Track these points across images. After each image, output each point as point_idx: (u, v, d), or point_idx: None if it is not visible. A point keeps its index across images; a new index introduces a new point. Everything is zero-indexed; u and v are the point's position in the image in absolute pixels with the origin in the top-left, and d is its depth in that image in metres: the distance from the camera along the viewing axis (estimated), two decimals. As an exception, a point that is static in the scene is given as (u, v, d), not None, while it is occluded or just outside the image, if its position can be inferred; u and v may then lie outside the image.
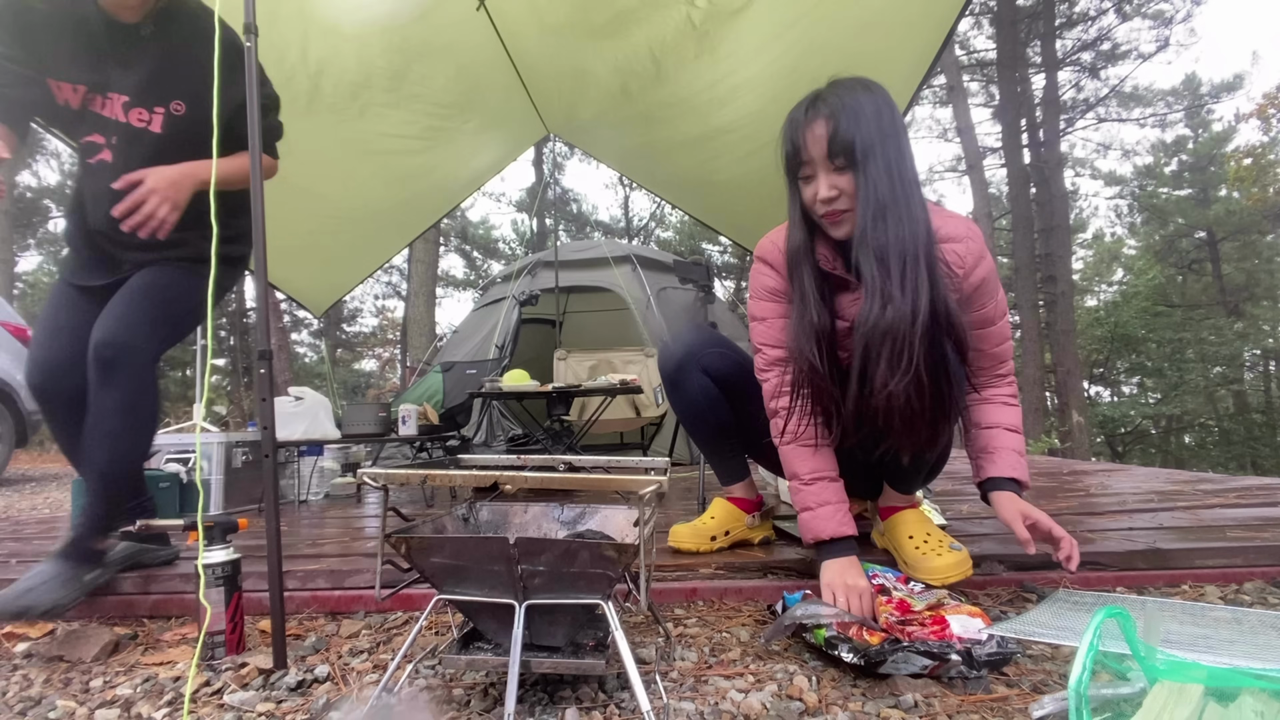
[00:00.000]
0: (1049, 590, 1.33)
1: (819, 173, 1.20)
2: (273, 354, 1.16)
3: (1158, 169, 20.38)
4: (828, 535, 1.25)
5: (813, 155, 1.19)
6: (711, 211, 4.26)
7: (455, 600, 0.94)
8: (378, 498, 2.72)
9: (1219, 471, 13.66)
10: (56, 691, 1.07)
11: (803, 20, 2.49)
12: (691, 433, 1.66)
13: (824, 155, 1.18)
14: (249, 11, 1.18)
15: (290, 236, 3.37)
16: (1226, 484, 2.51)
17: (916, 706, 0.91)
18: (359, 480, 2.83)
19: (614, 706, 0.93)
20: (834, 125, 1.16)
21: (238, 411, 15.91)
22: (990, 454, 1.28)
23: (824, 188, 1.19)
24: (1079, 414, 11.35)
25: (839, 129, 1.16)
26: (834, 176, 1.18)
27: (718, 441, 1.62)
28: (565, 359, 4.40)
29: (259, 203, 1.17)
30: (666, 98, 3.05)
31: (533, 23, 2.81)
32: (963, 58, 14.89)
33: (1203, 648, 0.94)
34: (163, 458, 2.71)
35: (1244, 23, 47.31)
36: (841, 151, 1.16)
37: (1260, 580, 1.40)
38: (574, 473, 1.20)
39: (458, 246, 21.98)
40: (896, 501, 1.47)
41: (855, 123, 1.15)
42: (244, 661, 1.14)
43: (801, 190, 1.24)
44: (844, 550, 1.24)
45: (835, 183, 1.18)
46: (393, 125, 3.13)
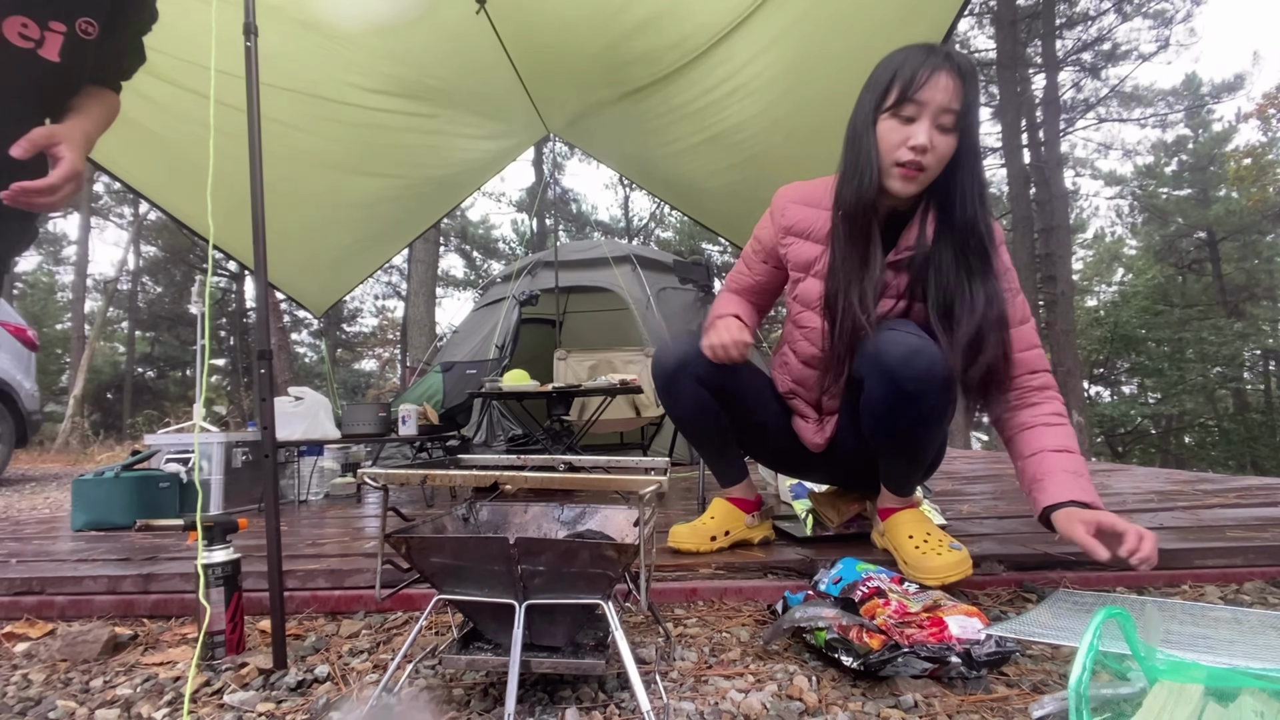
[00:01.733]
0: (1049, 590, 1.33)
1: (923, 119, 1.11)
2: (273, 354, 1.16)
3: (1158, 169, 20.39)
4: (718, 313, 1.44)
5: (929, 99, 1.10)
6: (710, 212, 4.26)
7: (455, 600, 0.94)
8: (378, 498, 2.72)
9: (1219, 471, 13.66)
10: (56, 691, 1.07)
11: (801, 21, 2.49)
12: (689, 439, 1.66)
13: (942, 107, 1.10)
14: (249, 11, 1.17)
15: (290, 237, 3.38)
16: (1226, 484, 2.51)
17: (916, 706, 0.91)
18: (359, 480, 2.83)
19: (614, 706, 0.93)
20: (965, 85, 1.10)
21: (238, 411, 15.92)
22: (1040, 483, 1.18)
23: (922, 135, 1.11)
24: (1079, 414, 11.35)
25: (969, 91, 1.10)
26: (934, 132, 1.11)
27: (715, 446, 1.61)
28: (565, 359, 4.40)
29: (259, 202, 1.17)
30: (666, 101, 3.06)
31: (533, 25, 2.81)
32: (963, 58, 14.87)
33: (1203, 648, 0.94)
34: (163, 458, 2.71)
35: (1244, 23, 47.32)
36: (965, 113, 1.10)
37: (1260, 580, 1.40)
38: (574, 473, 1.20)
39: (458, 246, 21.99)
40: (893, 503, 1.47)
41: (976, 97, 1.11)
42: (244, 661, 1.14)
43: (885, 130, 1.15)
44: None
45: (933, 138, 1.11)
46: (393, 126, 3.13)
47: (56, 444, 10.42)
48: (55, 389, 17.06)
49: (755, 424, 1.56)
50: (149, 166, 2.95)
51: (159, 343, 19.05)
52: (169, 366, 19.35)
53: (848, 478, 1.63)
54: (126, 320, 18.59)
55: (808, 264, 1.39)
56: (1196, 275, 19.13)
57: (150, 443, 2.80)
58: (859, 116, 1.21)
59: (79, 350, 14.08)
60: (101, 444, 10.32)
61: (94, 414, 16.60)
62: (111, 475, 2.38)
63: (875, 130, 1.17)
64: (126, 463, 2.49)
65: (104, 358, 18.21)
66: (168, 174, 2.98)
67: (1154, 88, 19.79)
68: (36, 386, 5.00)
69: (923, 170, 1.14)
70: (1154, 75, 40.40)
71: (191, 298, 3.87)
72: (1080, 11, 15.02)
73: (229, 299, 17.87)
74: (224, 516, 1.24)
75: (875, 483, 1.52)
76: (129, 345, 18.31)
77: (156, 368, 19.56)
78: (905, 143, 1.13)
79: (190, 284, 17.11)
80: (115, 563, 1.68)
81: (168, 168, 2.94)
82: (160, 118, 2.62)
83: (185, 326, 17.84)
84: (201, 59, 1.14)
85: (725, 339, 1.37)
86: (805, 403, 1.51)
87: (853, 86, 1.23)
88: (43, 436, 10.33)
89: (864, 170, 1.18)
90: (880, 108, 1.16)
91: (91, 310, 16.52)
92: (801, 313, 1.41)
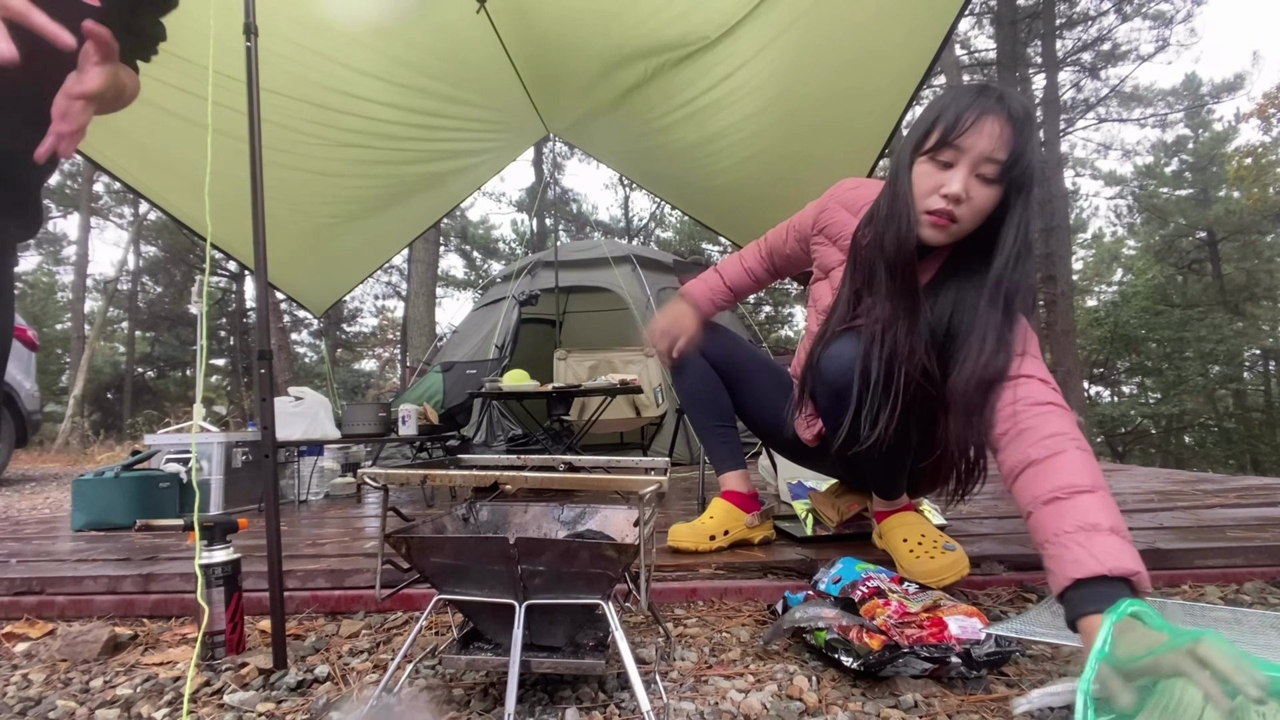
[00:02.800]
0: (1049, 590, 1.32)
1: (961, 166, 1.03)
2: (273, 354, 1.16)
3: (1158, 169, 20.39)
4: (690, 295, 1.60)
5: (973, 146, 1.02)
6: (710, 212, 4.26)
7: (455, 600, 0.94)
8: (378, 498, 2.72)
9: (1219, 471, 13.66)
10: (56, 691, 1.07)
11: (801, 21, 2.49)
12: (690, 416, 1.69)
13: (985, 156, 1.02)
14: (249, 11, 1.17)
15: (290, 236, 3.38)
16: (1226, 484, 2.51)
17: (916, 706, 0.91)
18: (359, 480, 2.83)
19: (614, 706, 0.93)
20: (1017, 135, 1.02)
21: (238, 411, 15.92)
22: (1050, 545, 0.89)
23: (958, 184, 1.03)
24: (1079, 414, 11.34)
25: (1025, 144, 1.02)
26: (972, 181, 1.03)
27: (715, 425, 1.65)
28: (565, 359, 4.40)
29: (259, 202, 1.17)
30: (666, 100, 3.05)
31: (533, 24, 2.81)
32: (963, 57, 14.88)
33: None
34: (163, 458, 2.71)
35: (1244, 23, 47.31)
36: (1012, 165, 1.02)
37: (1260, 580, 1.40)
38: (574, 473, 1.20)
39: (458, 246, 21.98)
40: (885, 506, 1.47)
41: (1030, 145, 1.02)
42: (244, 661, 1.14)
43: (921, 174, 1.08)
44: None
45: (970, 188, 1.03)
46: (393, 125, 3.13)
47: (56, 444, 10.42)
48: (55, 389, 17.06)
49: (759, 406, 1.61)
50: (149, 166, 2.95)
51: (159, 343, 19.04)
52: (169, 366, 19.35)
53: (846, 474, 1.63)
54: (126, 320, 18.59)
55: (829, 268, 1.39)
56: (1196, 275, 19.12)
57: (150, 443, 2.80)
58: (900, 156, 1.14)
59: (79, 350, 14.08)
60: (101, 444, 10.32)
61: (94, 414, 16.60)
62: (111, 475, 2.38)
63: (911, 173, 1.09)
64: (126, 463, 2.49)
65: (104, 358, 18.21)
66: (167, 174, 2.98)
67: (1154, 88, 19.81)
68: (36, 386, 5.00)
69: (955, 221, 1.06)
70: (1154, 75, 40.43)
71: (191, 298, 3.87)
72: (1080, 12, 15.01)
73: (229, 299, 17.86)
74: (224, 516, 1.24)
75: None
76: (129, 345, 18.31)
77: (156, 368, 19.56)
78: (938, 189, 1.05)
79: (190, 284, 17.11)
80: (115, 563, 1.68)
81: (167, 168, 2.94)
82: (161, 118, 2.62)
83: (185, 326, 17.85)
84: (202, 59, 1.14)
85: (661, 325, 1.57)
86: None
87: (852, 85, 1.23)
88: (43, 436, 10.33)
89: (900, 214, 1.10)
90: (919, 149, 1.08)
91: (91, 310, 16.53)
92: (811, 310, 1.43)
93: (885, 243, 1.12)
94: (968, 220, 1.06)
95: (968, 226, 1.07)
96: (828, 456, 1.53)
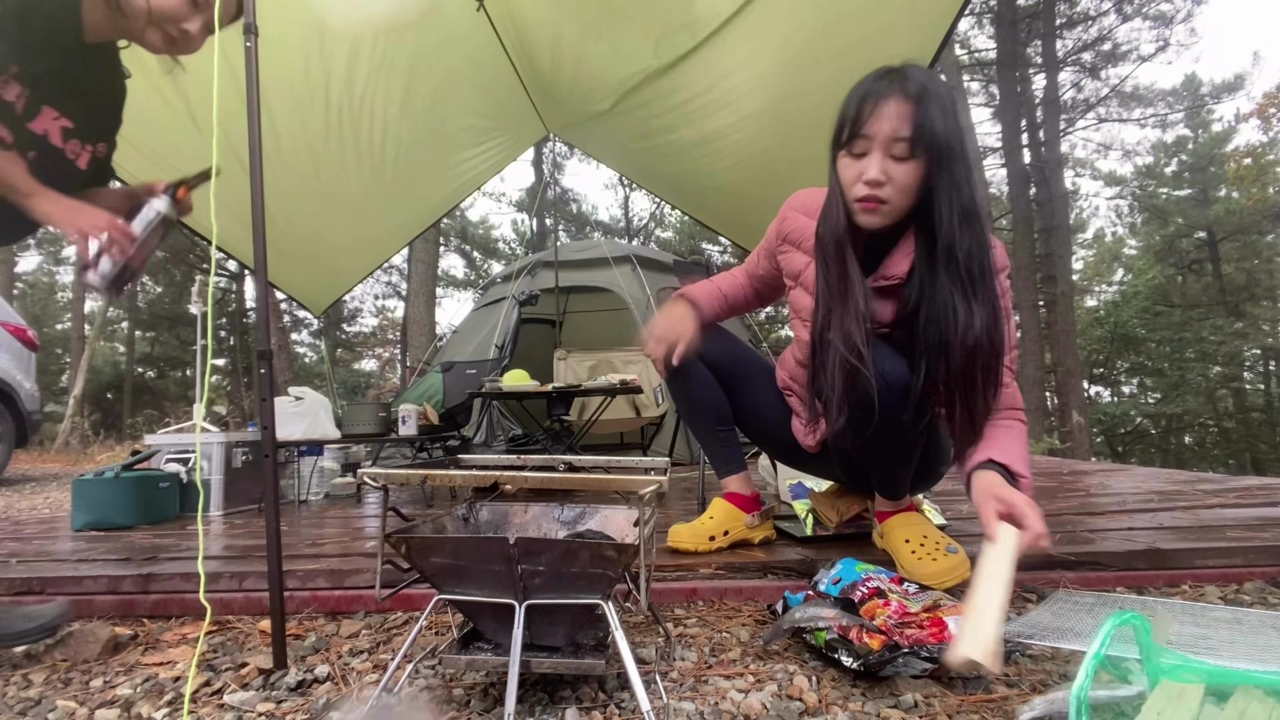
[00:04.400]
0: (1049, 590, 1.33)
1: (874, 152, 1.09)
2: (273, 354, 1.16)
3: (1158, 169, 20.38)
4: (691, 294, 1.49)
5: (878, 131, 1.08)
6: (710, 212, 4.26)
7: (455, 600, 0.94)
8: (378, 498, 2.71)
9: (1219, 471, 13.67)
10: (56, 691, 1.07)
11: (801, 19, 2.49)
12: (689, 421, 1.68)
13: (891, 136, 1.07)
14: (249, 11, 1.17)
15: (290, 236, 3.37)
16: (1226, 484, 2.51)
17: (916, 706, 0.91)
18: (359, 480, 2.83)
19: (614, 706, 0.93)
20: (917, 109, 1.05)
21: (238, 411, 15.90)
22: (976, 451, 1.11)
23: (874, 169, 1.08)
24: (1079, 414, 11.35)
25: (924, 114, 1.05)
26: (889, 162, 1.09)
27: (715, 430, 1.63)
28: (565, 359, 4.40)
29: (259, 202, 1.17)
30: (666, 100, 3.06)
31: (533, 22, 2.81)
32: (963, 57, 14.88)
33: (1203, 648, 0.94)
34: (163, 458, 2.72)
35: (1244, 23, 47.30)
36: (919, 139, 1.05)
37: (1260, 580, 1.40)
38: (574, 473, 1.20)
39: (458, 246, 21.98)
40: (888, 506, 1.47)
41: (941, 114, 1.06)
42: (244, 661, 1.14)
43: (843, 168, 1.14)
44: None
45: (888, 169, 1.08)
46: (393, 125, 3.13)
47: (56, 444, 10.41)
48: (55, 389, 17.06)
49: (758, 414, 1.59)
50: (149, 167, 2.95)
51: (159, 343, 19.03)
52: (169, 366, 19.34)
53: (846, 477, 1.63)
54: (126, 320, 18.58)
55: (796, 273, 1.40)
56: (1196, 275, 19.12)
57: (150, 443, 2.80)
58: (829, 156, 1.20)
59: (79, 350, 14.07)
60: (101, 444, 10.32)
61: (94, 414, 16.59)
62: (111, 475, 2.38)
63: (836, 168, 1.17)
64: (127, 463, 2.49)
65: (104, 358, 18.19)
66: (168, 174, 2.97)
67: (1154, 88, 19.80)
68: (36, 386, 5.00)
69: (884, 202, 1.11)
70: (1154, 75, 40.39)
71: (192, 298, 3.87)
72: (1080, 11, 15.02)
73: (229, 299, 17.85)
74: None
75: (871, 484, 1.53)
76: (129, 345, 18.29)
77: (156, 368, 19.54)
78: (860, 178, 1.11)
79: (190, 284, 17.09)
80: (115, 563, 1.68)
81: (169, 168, 2.94)
82: (161, 118, 2.62)
83: (185, 326, 17.82)
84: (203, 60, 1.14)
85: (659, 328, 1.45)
86: (800, 401, 1.51)
87: (852, 83, 1.22)
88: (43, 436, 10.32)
89: (833, 207, 1.19)
90: (837, 145, 1.15)
91: (91, 310, 16.52)
92: (794, 319, 1.43)
93: (822, 235, 1.21)
94: (897, 198, 1.11)
95: (900, 204, 1.12)
96: (827, 460, 1.53)
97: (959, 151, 1.07)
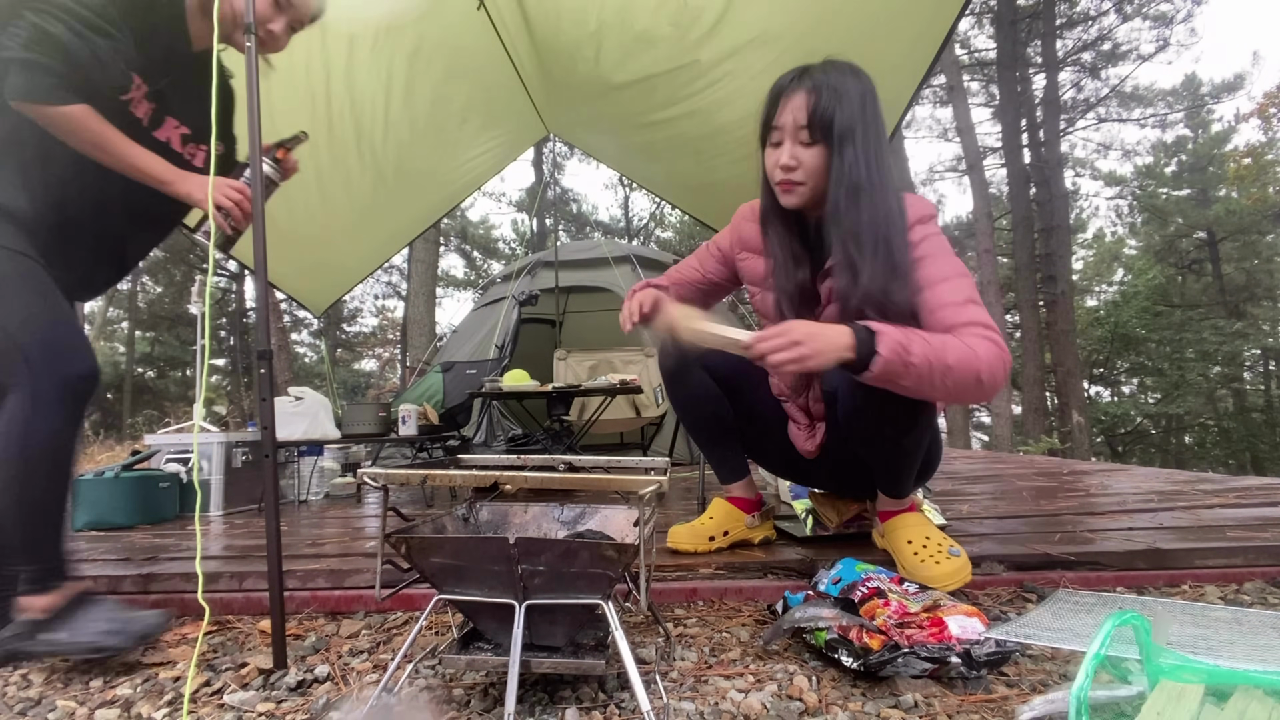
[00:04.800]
0: (1049, 590, 1.33)
1: (785, 141, 1.24)
2: (273, 354, 1.16)
3: (1158, 169, 20.37)
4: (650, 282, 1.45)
5: (785, 123, 1.23)
6: (710, 211, 4.26)
7: (455, 600, 0.94)
8: (378, 498, 2.71)
9: (1219, 471, 13.67)
10: (56, 691, 1.07)
11: (801, 20, 2.49)
12: (692, 430, 1.66)
13: (795, 125, 1.22)
14: (248, 11, 1.17)
15: (290, 236, 3.37)
16: (1226, 484, 2.51)
17: (916, 706, 0.91)
18: (359, 480, 2.83)
19: (614, 706, 0.93)
20: (815, 100, 1.20)
21: (238, 411, 15.90)
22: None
23: (785, 156, 1.24)
24: (1079, 414, 11.35)
25: (819, 104, 1.20)
26: (798, 149, 1.23)
27: (718, 438, 1.62)
28: (565, 359, 4.40)
29: (259, 202, 1.17)
30: (667, 97, 3.05)
31: (532, 21, 2.81)
32: (963, 57, 14.89)
33: (1203, 649, 0.94)
34: (162, 458, 2.72)
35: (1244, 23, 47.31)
36: (815, 125, 1.20)
37: (1260, 580, 1.40)
38: (574, 473, 1.20)
39: (458, 246, 21.98)
40: (891, 506, 1.46)
41: (836, 101, 1.20)
42: (244, 661, 1.14)
43: (766, 156, 1.30)
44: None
45: (797, 154, 1.23)
46: (393, 124, 3.13)
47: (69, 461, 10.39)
48: (55, 389, 16.98)
49: (758, 422, 1.58)
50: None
51: (159, 343, 19.02)
52: (169, 366, 19.33)
53: (842, 485, 1.63)
54: (126, 320, 18.58)
55: (761, 278, 1.43)
56: (1196, 275, 19.12)
57: (150, 443, 2.80)
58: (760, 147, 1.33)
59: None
60: (101, 444, 10.31)
61: (94, 414, 16.59)
62: (111, 475, 2.38)
63: (763, 159, 1.31)
64: (126, 463, 2.49)
65: (104, 358, 18.19)
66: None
67: (1154, 88, 19.78)
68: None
69: (799, 183, 1.25)
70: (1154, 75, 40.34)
71: (191, 298, 3.87)
72: (1080, 11, 15.02)
73: (229, 299, 17.85)
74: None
75: (870, 489, 1.53)
76: (129, 345, 18.29)
77: (156, 368, 19.54)
78: (777, 164, 1.25)
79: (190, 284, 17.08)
80: (115, 563, 1.68)
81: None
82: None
83: (185, 326, 17.82)
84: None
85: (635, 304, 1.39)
86: (796, 408, 1.51)
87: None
88: (43, 436, 10.28)
89: (764, 192, 1.35)
90: (762, 140, 1.30)
91: (91, 310, 16.52)
92: (763, 323, 1.44)
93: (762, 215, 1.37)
94: (810, 179, 1.24)
95: (815, 184, 1.25)
96: (824, 468, 1.55)
97: (856, 132, 1.19)
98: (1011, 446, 10.05)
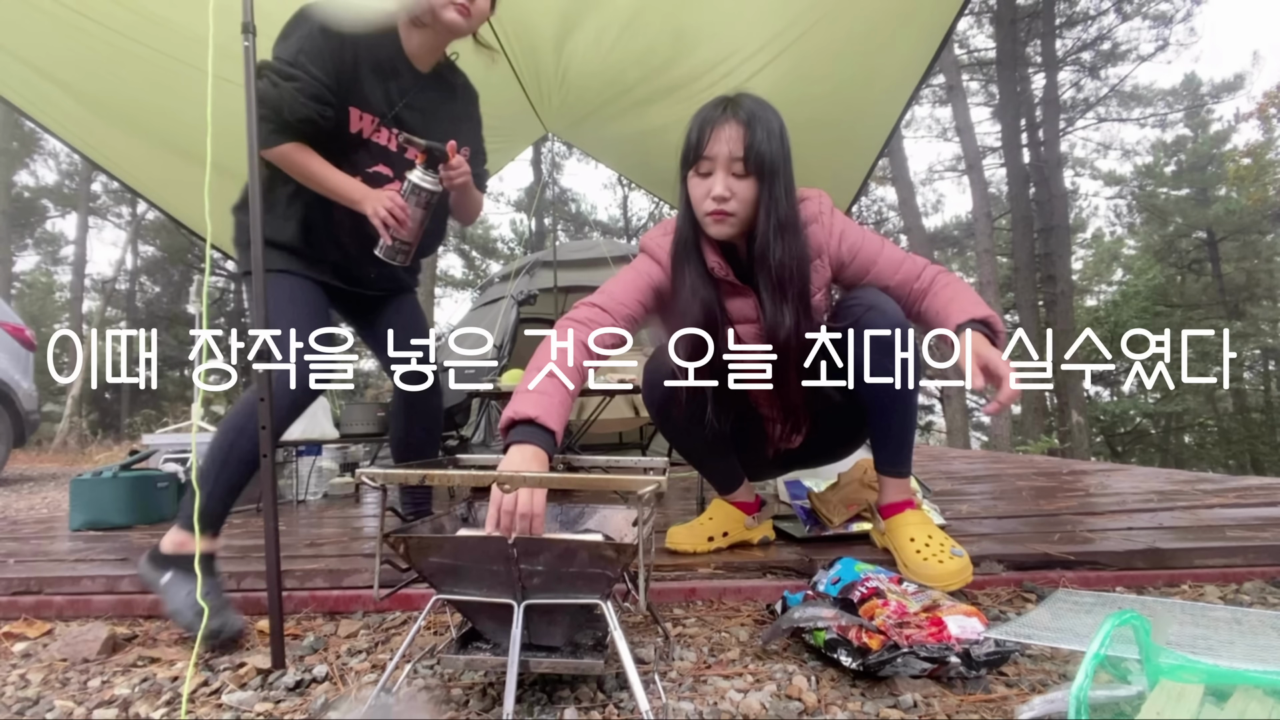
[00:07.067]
0: (1048, 590, 1.33)
1: (717, 171, 1.24)
2: (272, 354, 1.16)
3: (1157, 169, 20.36)
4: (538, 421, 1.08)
5: (718, 153, 1.24)
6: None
7: (454, 600, 0.94)
8: (376, 497, 2.71)
9: (1219, 471, 13.68)
10: (54, 691, 1.07)
11: (801, 20, 2.48)
12: (685, 453, 1.61)
13: (730, 157, 1.23)
14: (247, 11, 1.17)
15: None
16: (1226, 484, 2.51)
17: (916, 706, 0.91)
18: (357, 480, 2.83)
19: (613, 706, 0.93)
20: (750, 133, 1.22)
21: (237, 411, 15.85)
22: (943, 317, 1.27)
23: (719, 186, 1.24)
24: (1079, 414, 11.36)
25: (755, 138, 1.22)
26: (731, 179, 1.24)
27: (716, 455, 1.59)
28: (564, 359, 4.38)
29: (258, 202, 1.16)
30: (667, 94, 3.05)
31: (532, 20, 2.80)
32: (963, 57, 14.89)
33: (1203, 649, 0.94)
34: (161, 457, 2.71)
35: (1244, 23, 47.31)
36: (750, 159, 1.22)
37: (1260, 580, 1.40)
38: (573, 473, 1.19)
39: (456, 246, 21.96)
40: (893, 497, 1.45)
41: (768, 137, 1.23)
42: (242, 661, 1.14)
43: (693, 185, 1.29)
44: (533, 439, 1.07)
45: (731, 185, 1.24)
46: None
47: (54, 444, 10.41)
48: (53, 389, 17.03)
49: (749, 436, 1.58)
50: (147, 166, 2.95)
51: (158, 343, 19.03)
52: (167, 366, 19.32)
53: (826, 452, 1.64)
54: (125, 320, 18.57)
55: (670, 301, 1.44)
56: (1196, 275, 19.10)
57: (148, 442, 2.80)
58: (679, 177, 1.33)
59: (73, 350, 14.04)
60: (99, 444, 10.31)
61: (92, 414, 16.58)
62: (109, 475, 2.37)
63: (687, 186, 1.31)
64: (124, 463, 2.49)
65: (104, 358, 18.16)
66: (165, 173, 2.97)
67: (1154, 88, 19.76)
68: (34, 386, 5.00)
69: (731, 214, 1.26)
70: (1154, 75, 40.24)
71: (190, 297, 3.87)
72: (1080, 11, 15.02)
73: (227, 299, 17.84)
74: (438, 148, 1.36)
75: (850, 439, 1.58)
76: (128, 345, 18.30)
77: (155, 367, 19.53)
78: (709, 194, 1.25)
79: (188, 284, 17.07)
80: (114, 562, 1.68)
81: (165, 166, 2.93)
82: (161, 119, 2.62)
83: (183, 326, 17.81)
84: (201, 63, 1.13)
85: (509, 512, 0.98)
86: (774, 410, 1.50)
87: (851, 83, 1.25)
88: (40, 436, 10.31)
89: (685, 220, 1.34)
90: (686, 166, 1.30)
91: (90, 310, 16.51)
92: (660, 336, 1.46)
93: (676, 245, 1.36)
94: (741, 210, 1.26)
95: (746, 214, 1.27)
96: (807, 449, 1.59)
97: (780, 170, 1.25)
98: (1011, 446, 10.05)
